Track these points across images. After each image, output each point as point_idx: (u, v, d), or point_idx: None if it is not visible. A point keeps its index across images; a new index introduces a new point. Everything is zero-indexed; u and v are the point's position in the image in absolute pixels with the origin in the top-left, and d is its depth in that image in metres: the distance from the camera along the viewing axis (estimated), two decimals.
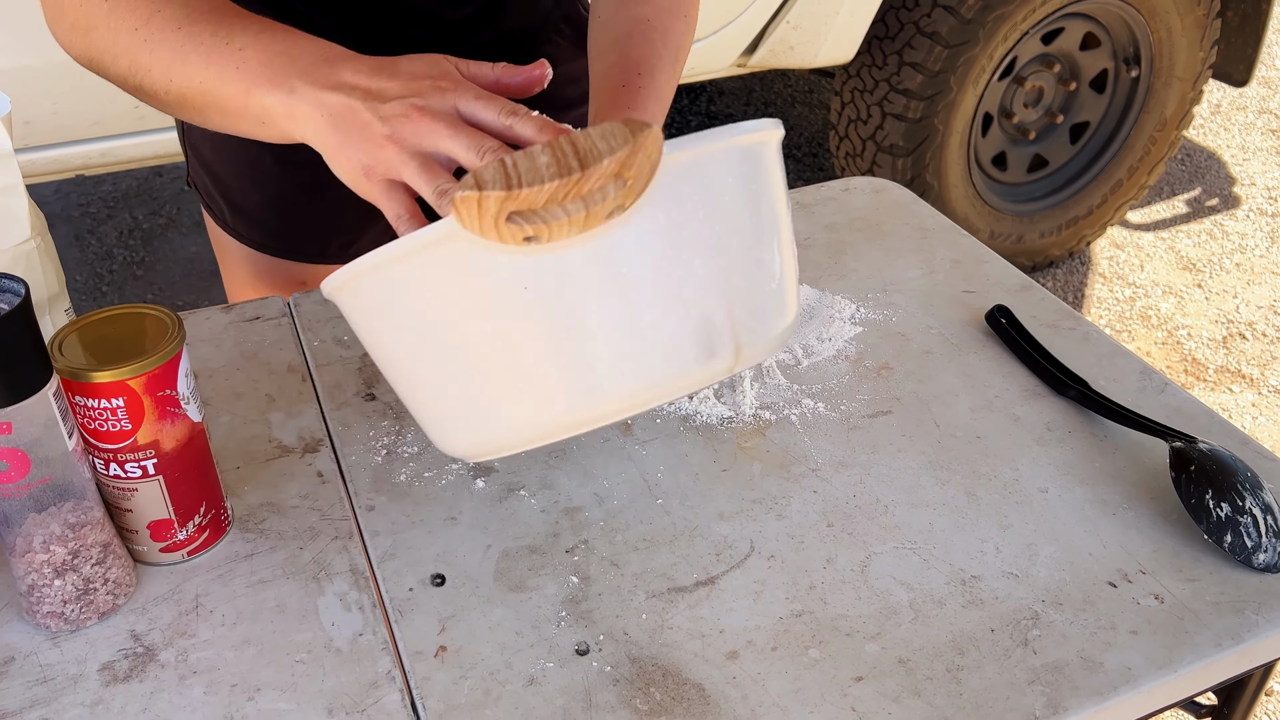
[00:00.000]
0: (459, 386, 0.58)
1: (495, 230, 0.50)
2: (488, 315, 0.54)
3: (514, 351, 0.54)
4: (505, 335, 0.54)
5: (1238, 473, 0.69)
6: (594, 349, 0.54)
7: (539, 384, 0.55)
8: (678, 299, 0.54)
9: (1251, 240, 2.67)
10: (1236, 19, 2.42)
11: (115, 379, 0.60)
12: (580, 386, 0.55)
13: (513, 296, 0.53)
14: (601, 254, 0.52)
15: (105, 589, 0.64)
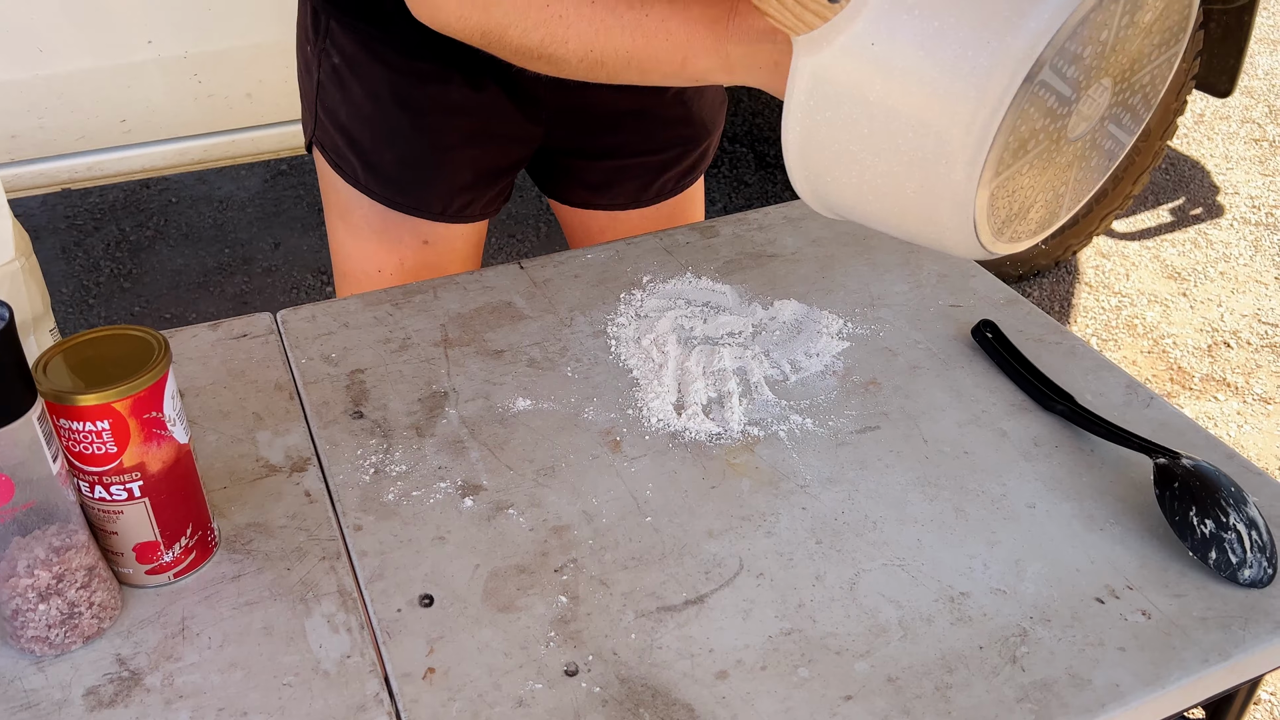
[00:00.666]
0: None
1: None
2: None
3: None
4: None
5: (1222, 488, 0.69)
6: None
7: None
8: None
9: (1235, 249, 2.69)
10: (1219, 31, 2.43)
11: (100, 402, 0.60)
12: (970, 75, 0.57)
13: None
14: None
15: (90, 613, 0.63)
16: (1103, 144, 0.67)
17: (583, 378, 0.87)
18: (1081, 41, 0.58)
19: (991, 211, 0.62)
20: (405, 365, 0.88)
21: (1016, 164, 0.61)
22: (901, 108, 0.59)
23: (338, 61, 1.02)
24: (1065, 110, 0.61)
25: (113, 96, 1.53)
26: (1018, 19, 0.56)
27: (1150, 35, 0.62)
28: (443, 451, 0.79)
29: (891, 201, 0.64)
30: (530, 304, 0.96)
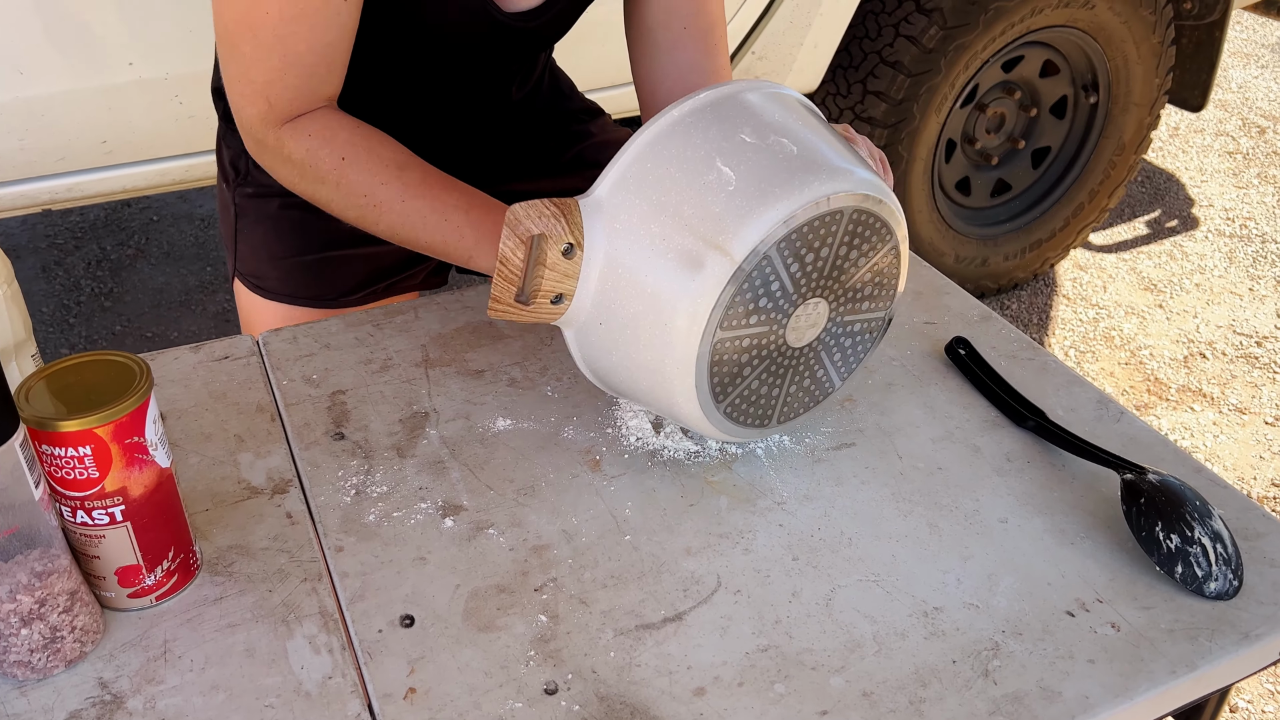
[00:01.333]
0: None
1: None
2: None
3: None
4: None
5: (1187, 502, 0.71)
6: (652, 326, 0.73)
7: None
8: (660, 257, 0.71)
9: (1210, 261, 2.72)
10: (1190, 46, 2.47)
11: (82, 428, 0.61)
12: (668, 340, 0.72)
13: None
14: (607, 276, 0.74)
15: (73, 637, 0.64)
16: (851, 328, 0.79)
17: (563, 397, 0.88)
18: (746, 305, 0.71)
19: (745, 418, 0.77)
20: (386, 386, 0.88)
21: (740, 386, 0.75)
22: (632, 360, 0.74)
23: (256, 189, 1.07)
24: (775, 338, 0.74)
25: (94, 118, 1.54)
26: (679, 307, 0.71)
27: (842, 255, 0.74)
28: (424, 472, 0.79)
29: (648, 399, 0.78)
30: (510, 324, 0.97)
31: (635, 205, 0.72)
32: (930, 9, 2.04)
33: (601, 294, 0.74)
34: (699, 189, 0.71)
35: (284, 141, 0.85)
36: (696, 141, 0.72)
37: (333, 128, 0.85)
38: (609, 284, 0.73)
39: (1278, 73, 3.71)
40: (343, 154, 0.84)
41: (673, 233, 0.70)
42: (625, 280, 0.72)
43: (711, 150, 0.72)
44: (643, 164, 0.73)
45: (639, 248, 0.72)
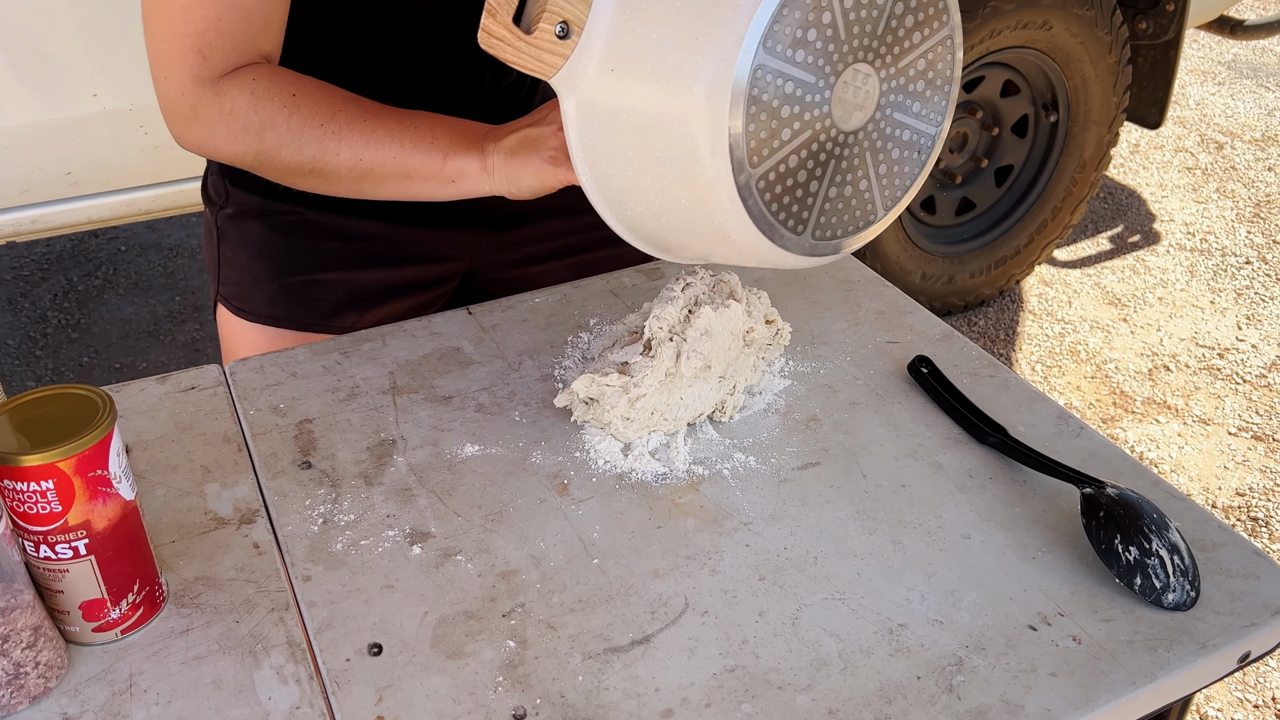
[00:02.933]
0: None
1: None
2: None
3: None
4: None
5: (1145, 515, 0.72)
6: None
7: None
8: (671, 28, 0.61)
9: (1172, 274, 2.77)
10: (1147, 65, 2.52)
11: (44, 462, 0.60)
12: (699, 65, 0.62)
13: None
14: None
15: (36, 672, 0.63)
16: (899, 134, 0.70)
17: (530, 422, 0.88)
18: (796, 25, 0.61)
19: (779, 208, 0.66)
20: (354, 414, 0.88)
21: (778, 154, 0.64)
22: (649, 120, 0.63)
23: (237, 210, 1.06)
24: (819, 98, 0.64)
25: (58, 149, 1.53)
26: (719, 15, 0.60)
27: (897, 15, 0.65)
28: (391, 500, 0.80)
29: (681, 217, 0.68)
30: (478, 349, 0.97)
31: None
32: None
33: (619, 19, 0.62)
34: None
35: (224, 93, 0.79)
36: None
37: (277, 71, 0.81)
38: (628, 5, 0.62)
39: (1234, 89, 3.79)
40: (293, 90, 0.80)
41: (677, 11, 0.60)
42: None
43: None
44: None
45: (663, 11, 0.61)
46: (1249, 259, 2.83)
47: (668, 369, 0.83)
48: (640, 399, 0.83)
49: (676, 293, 0.85)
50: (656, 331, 0.84)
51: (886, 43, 0.67)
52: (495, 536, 0.77)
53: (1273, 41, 4.13)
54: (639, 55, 0.62)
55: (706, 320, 0.83)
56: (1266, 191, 3.15)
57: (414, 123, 0.82)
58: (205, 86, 0.79)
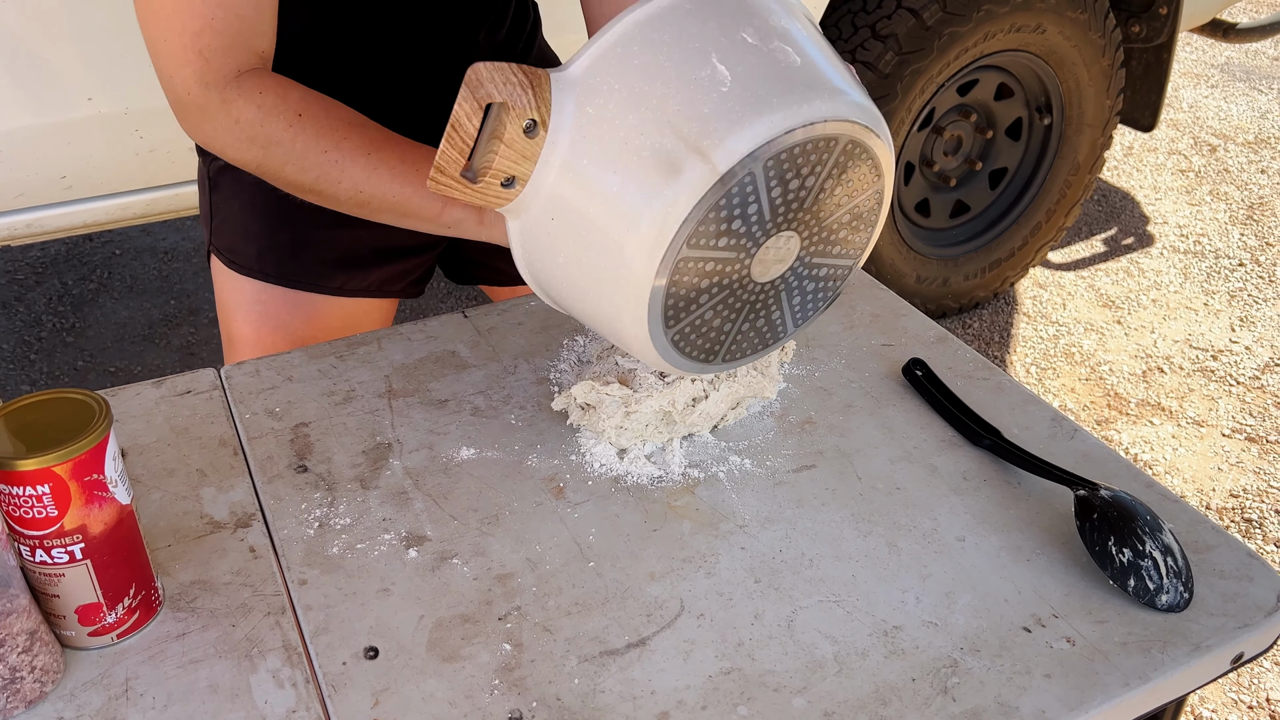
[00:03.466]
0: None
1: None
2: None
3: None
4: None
5: (1138, 517, 0.72)
6: (607, 228, 0.68)
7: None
8: (633, 154, 0.65)
9: (1166, 277, 2.78)
10: (1140, 68, 2.53)
11: (40, 466, 0.61)
12: (626, 250, 0.67)
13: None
14: (570, 166, 0.68)
15: (32, 677, 0.63)
16: (817, 273, 0.75)
17: (526, 425, 0.88)
18: (721, 221, 0.66)
19: (692, 349, 0.74)
20: (349, 417, 0.89)
21: (695, 313, 0.71)
22: (581, 272, 0.71)
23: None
24: (739, 266, 0.70)
25: (53, 153, 1.53)
26: (648, 214, 0.66)
27: (826, 188, 0.70)
28: (387, 503, 0.80)
29: (588, 314, 0.74)
30: (474, 353, 0.97)
31: (614, 90, 0.65)
32: (885, 35, 2.08)
33: (560, 186, 0.67)
34: (689, 84, 0.64)
35: (231, 102, 0.79)
36: (693, 31, 0.65)
37: (285, 86, 0.81)
38: (571, 176, 0.66)
39: (1227, 92, 3.80)
40: (299, 110, 0.80)
41: (652, 128, 0.64)
42: (590, 175, 0.65)
43: (708, 44, 0.65)
44: (629, 45, 0.65)
45: (611, 139, 0.65)
46: (1242, 261, 2.84)
47: (672, 398, 0.83)
48: (636, 413, 0.83)
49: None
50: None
51: (812, 211, 0.71)
52: (491, 540, 0.77)
53: (1265, 45, 4.14)
54: (574, 224, 0.68)
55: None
56: (1259, 194, 3.16)
57: (417, 163, 0.81)
58: (212, 91, 0.79)
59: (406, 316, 2.55)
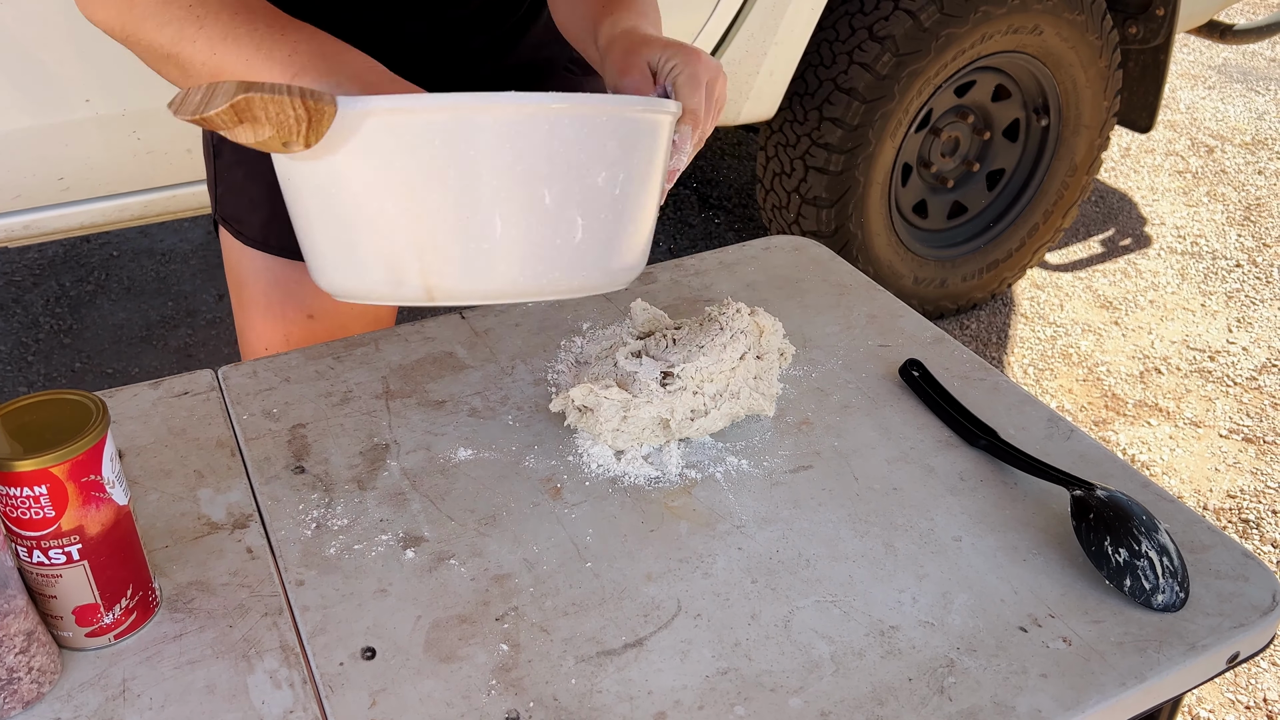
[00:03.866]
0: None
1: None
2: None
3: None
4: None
5: (1134, 517, 0.72)
6: (316, 239, 0.69)
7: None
8: (371, 228, 0.63)
9: (1163, 278, 2.78)
10: (1137, 69, 2.53)
11: (37, 467, 0.61)
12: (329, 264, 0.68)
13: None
14: (321, 174, 0.65)
15: (30, 678, 0.63)
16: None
17: (524, 426, 0.88)
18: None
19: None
20: (347, 418, 0.89)
21: None
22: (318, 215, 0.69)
23: None
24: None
25: (50, 155, 1.53)
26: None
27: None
28: (384, 504, 0.80)
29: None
30: (471, 354, 0.97)
31: (392, 161, 0.61)
32: (883, 37, 2.08)
33: (288, 196, 0.67)
34: (462, 221, 0.61)
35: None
36: (519, 150, 0.61)
37: None
38: (322, 192, 0.64)
39: (1224, 93, 3.81)
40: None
41: (402, 234, 0.61)
42: (336, 207, 0.63)
43: (501, 192, 0.61)
44: (444, 128, 0.60)
45: (363, 207, 0.62)
46: (1239, 262, 2.85)
47: (671, 407, 0.84)
48: (634, 418, 0.83)
49: (725, 340, 0.86)
50: (683, 377, 0.85)
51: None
52: (488, 540, 0.77)
53: (1262, 46, 4.15)
54: (316, 205, 0.68)
55: (737, 374, 0.86)
56: (1257, 195, 3.17)
57: (283, 30, 0.75)
58: None
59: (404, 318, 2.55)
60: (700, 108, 0.73)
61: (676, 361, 0.86)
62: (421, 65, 0.97)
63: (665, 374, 0.85)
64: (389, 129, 0.61)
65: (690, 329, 0.91)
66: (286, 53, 0.74)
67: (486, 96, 0.61)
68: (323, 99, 0.60)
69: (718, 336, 0.86)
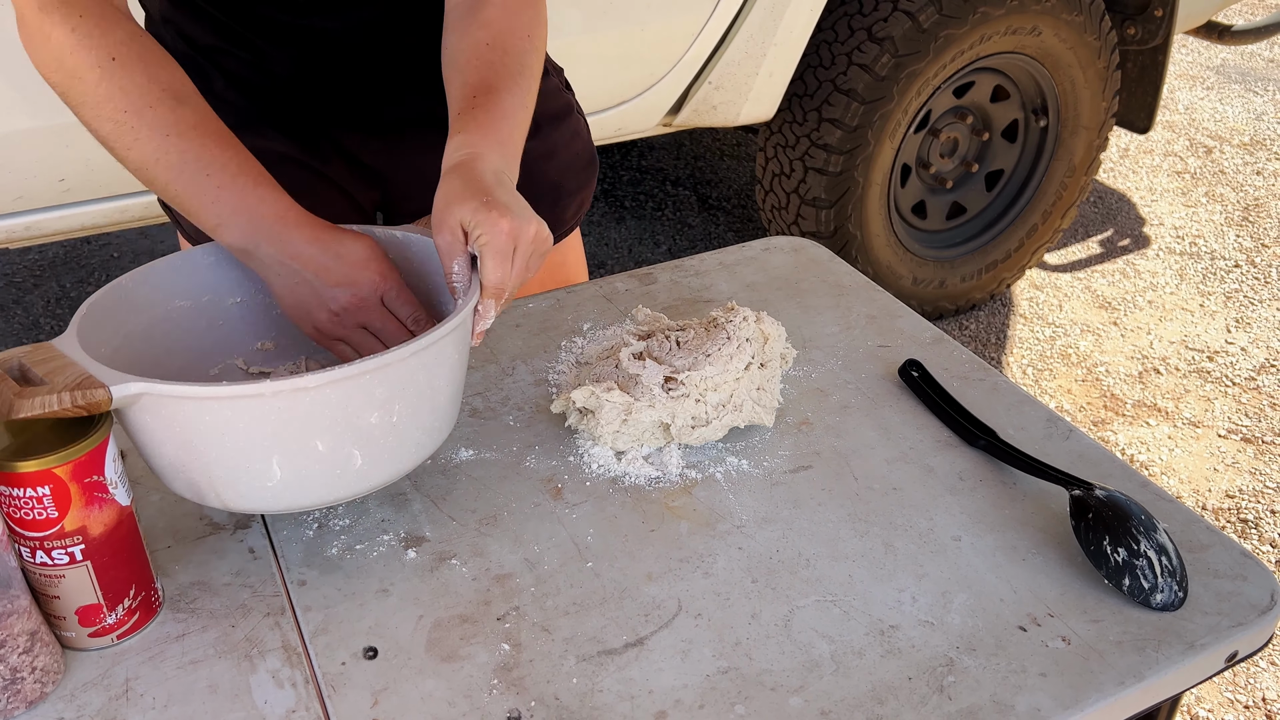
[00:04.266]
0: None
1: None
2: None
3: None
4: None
5: (1133, 516, 0.73)
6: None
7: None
8: (169, 463, 0.69)
9: (1162, 278, 2.78)
10: (1136, 70, 2.54)
11: (40, 468, 0.61)
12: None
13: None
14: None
15: (33, 678, 0.63)
16: None
17: (525, 426, 0.89)
18: None
19: None
20: None
21: None
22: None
23: None
24: None
25: (50, 156, 1.53)
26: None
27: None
28: (385, 504, 0.80)
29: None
30: (472, 354, 0.97)
31: (171, 425, 0.66)
32: (882, 38, 2.08)
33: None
34: (240, 457, 0.67)
35: (48, 12, 0.73)
36: (285, 419, 0.66)
37: (111, 20, 0.75)
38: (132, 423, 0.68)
39: (1223, 94, 3.81)
40: (114, 53, 0.74)
41: (191, 465, 0.67)
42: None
43: (286, 436, 0.66)
44: (212, 409, 0.65)
45: (153, 447, 0.68)
46: (1238, 262, 2.85)
47: (672, 413, 0.84)
48: (635, 420, 0.84)
49: (732, 350, 0.87)
50: (688, 384, 0.85)
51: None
52: (489, 540, 0.77)
53: (1261, 46, 4.15)
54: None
55: (741, 384, 0.86)
56: (1255, 195, 3.17)
57: (208, 169, 0.76)
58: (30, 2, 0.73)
59: None
60: (504, 280, 0.74)
61: (681, 367, 0.86)
62: (336, 65, 0.97)
63: (668, 378, 0.86)
64: (159, 406, 0.65)
65: (696, 333, 0.91)
66: (210, 200, 0.76)
67: (251, 387, 0.64)
68: (96, 395, 0.63)
69: (725, 346, 0.87)
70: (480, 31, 0.86)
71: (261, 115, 0.99)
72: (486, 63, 0.85)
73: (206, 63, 0.97)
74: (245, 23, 0.94)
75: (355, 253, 0.79)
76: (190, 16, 0.95)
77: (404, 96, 1.02)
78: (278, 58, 0.95)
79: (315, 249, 0.78)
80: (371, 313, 0.80)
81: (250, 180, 0.78)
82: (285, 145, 1.01)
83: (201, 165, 0.76)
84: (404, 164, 1.06)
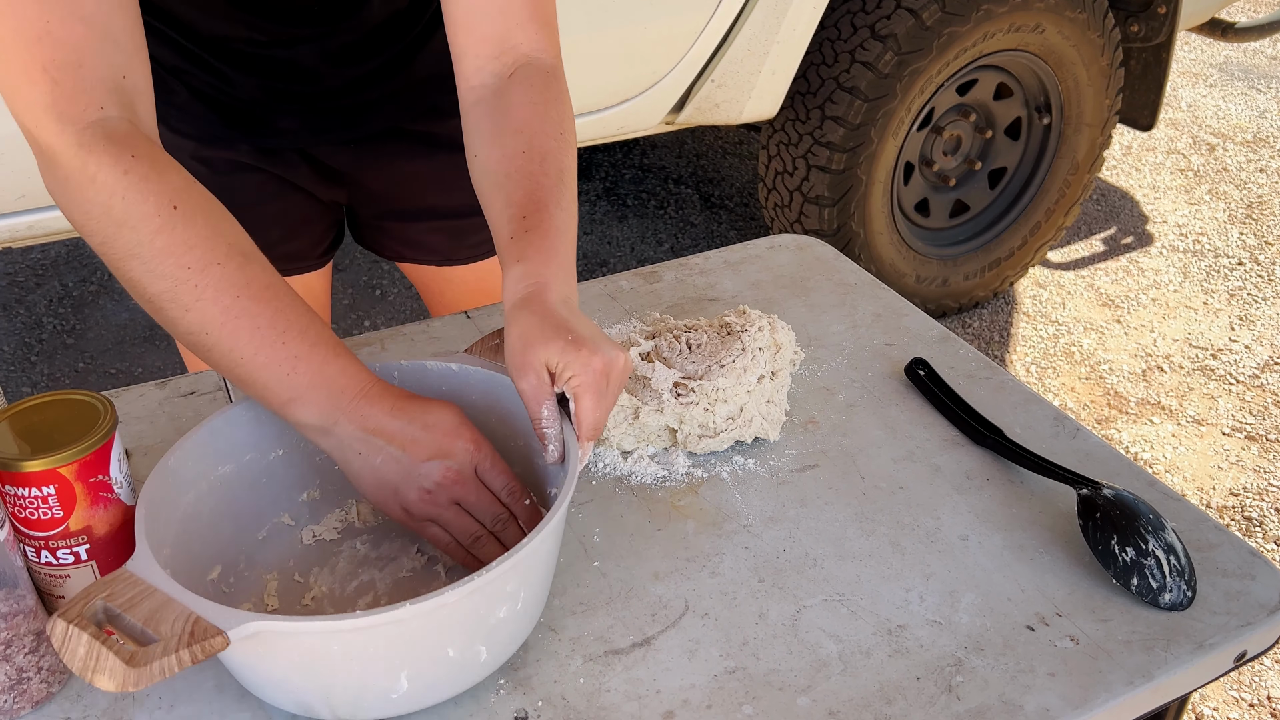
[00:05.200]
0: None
1: None
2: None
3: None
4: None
5: (1141, 515, 0.72)
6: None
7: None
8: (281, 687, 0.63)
9: (1165, 276, 2.78)
10: (1139, 68, 2.53)
11: (46, 468, 0.61)
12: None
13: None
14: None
15: (39, 678, 0.63)
16: None
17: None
18: None
19: None
20: None
21: None
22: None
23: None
24: None
25: None
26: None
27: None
28: None
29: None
30: None
31: (292, 657, 0.61)
32: (885, 35, 2.08)
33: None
34: (368, 676, 0.62)
35: (91, 151, 0.64)
36: (414, 638, 0.61)
37: (166, 164, 0.67)
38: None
39: (1226, 91, 3.81)
40: (175, 200, 0.66)
41: (308, 687, 0.62)
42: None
43: (417, 652, 0.62)
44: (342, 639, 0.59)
45: (265, 674, 0.62)
46: (1241, 260, 2.85)
47: (680, 417, 0.84)
48: (642, 423, 0.84)
49: (746, 362, 0.86)
50: (699, 392, 0.85)
51: None
52: None
53: (1264, 44, 4.15)
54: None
55: (753, 398, 0.86)
56: (1258, 193, 3.17)
57: (282, 335, 0.68)
58: (67, 129, 0.64)
59: (409, 317, 2.56)
60: (602, 421, 0.69)
61: (693, 373, 0.86)
62: (302, 90, 0.96)
63: (678, 384, 0.85)
64: (276, 639, 0.59)
65: (709, 337, 0.90)
66: (286, 371, 0.67)
67: (390, 615, 0.58)
68: (214, 645, 0.56)
69: (740, 358, 0.86)
70: (513, 140, 0.78)
71: (227, 126, 0.98)
72: (527, 174, 0.77)
73: (171, 78, 0.95)
74: (210, 50, 0.92)
75: (445, 421, 0.70)
76: (155, 40, 0.91)
77: (371, 114, 1.01)
78: (244, 83, 0.94)
79: (401, 421, 0.69)
80: (467, 486, 0.70)
81: (330, 350, 0.69)
82: (251, 156, 1.00)
83: (276, 331, 0.67)
84: (371, 166, 1.05)
